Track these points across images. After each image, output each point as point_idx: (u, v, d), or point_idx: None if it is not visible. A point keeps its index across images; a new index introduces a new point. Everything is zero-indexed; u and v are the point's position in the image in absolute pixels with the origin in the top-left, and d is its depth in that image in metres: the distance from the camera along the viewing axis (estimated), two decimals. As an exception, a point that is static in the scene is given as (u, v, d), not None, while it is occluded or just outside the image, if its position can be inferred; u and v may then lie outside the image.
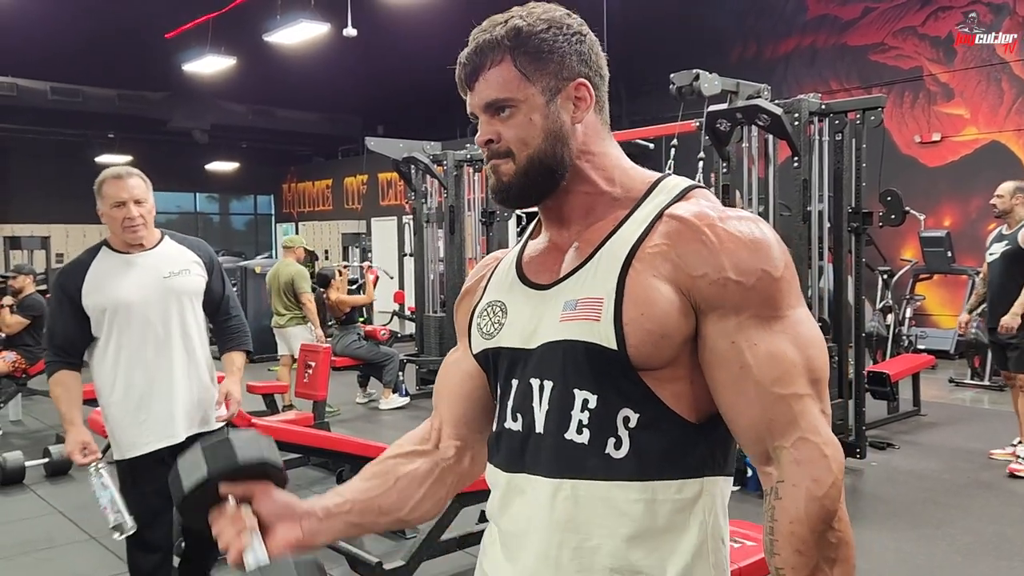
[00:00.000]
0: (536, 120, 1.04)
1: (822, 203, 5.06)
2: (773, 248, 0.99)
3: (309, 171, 20.55)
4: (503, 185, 1.06)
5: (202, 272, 2.86)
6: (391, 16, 10.68)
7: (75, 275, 2.70)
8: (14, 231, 14.01)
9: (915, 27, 10.32)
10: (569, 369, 1.00)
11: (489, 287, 1.16)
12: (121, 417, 2.70)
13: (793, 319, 0.99)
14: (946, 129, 10.05)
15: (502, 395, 1.09)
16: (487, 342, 1.10)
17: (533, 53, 1.03)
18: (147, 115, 16.00)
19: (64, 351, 2.70)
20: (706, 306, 0.97)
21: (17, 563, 3.85)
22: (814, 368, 0.98)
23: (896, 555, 3.73)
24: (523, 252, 1.15)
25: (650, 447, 0.98)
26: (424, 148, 7.78)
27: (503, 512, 1.07)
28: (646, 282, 0.97)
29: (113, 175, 2.72)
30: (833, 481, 0.94)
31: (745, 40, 12.07)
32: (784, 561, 0.95)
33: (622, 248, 1.01)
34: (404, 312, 10.74)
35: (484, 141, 1.07)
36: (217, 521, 1.06)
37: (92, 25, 11.63)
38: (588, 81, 1.06)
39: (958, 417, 6.47)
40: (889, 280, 8.59)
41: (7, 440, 6.22)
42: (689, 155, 5.54)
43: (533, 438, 1.03)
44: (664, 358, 0.97)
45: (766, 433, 0.97)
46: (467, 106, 1.09)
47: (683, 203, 1.03)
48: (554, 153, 1.04)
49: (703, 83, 4.84)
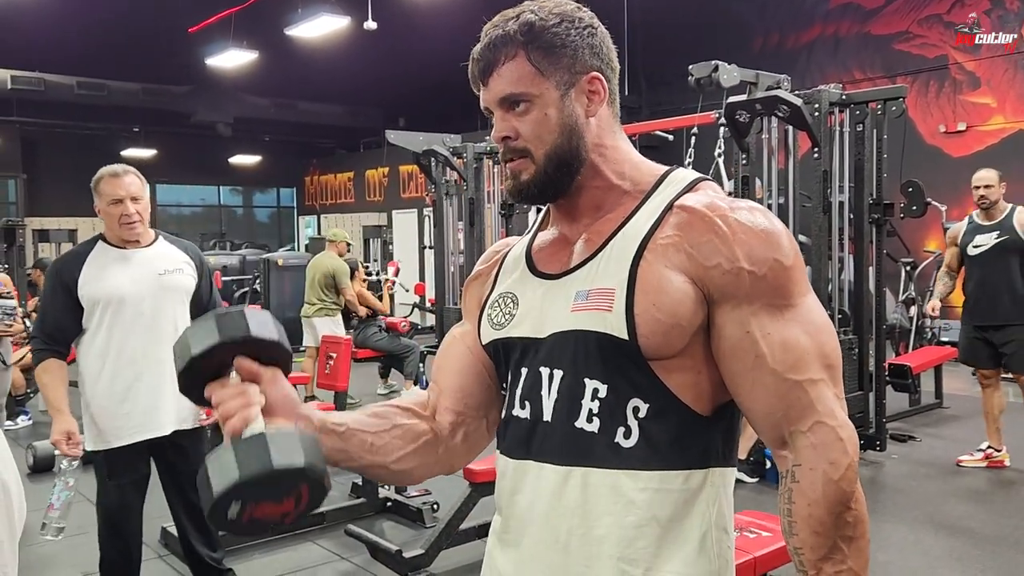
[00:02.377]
0: (552, 115, 1.05)
1: (843, 194, 5.02)
2: (783, 238, 1.01)
3: (331, 164, 20.64)
4: (521, 185, 1.07)
5: (193, 273, 2.93)
6: (411, 9, 10.70)
7: (73, 265, 2.77)
8: (43, 224, 14.22)
9: (940, 15, 10.18)
10: (580, 358, 1.01)
11: (500, 277, 1.17)
12: (105, 407, 2.75)
13: (804, 307, 1.01)
14: (972, 118, 9.92)
15: (511, 383, 1.10)
16: (497, 332, 1.11)
17: (546, 47, 1.04)
18: (171, 109, 16.15)
19: (53, 339, 2.76)
20: (719, 296, 0.99)
21: (48, 548, 3.94)
22: (827, 353, 1.00)
23: (916, 548, 3.72)
24: (532, 243, 1.16)
25: (659, 437, 0.99)
26: (444, 141, 7.79)
27: (510, 498, 1.09)
28: (658, 272, 0.99)
29: (110, 173, 2.78)
30: (849, 463, 0.96)
31: (767, 30, 11.96)
32: (802, 541, 0.98)
33: (633, 239, 1.02)
34: (424, 304, 10.80)
35: (501, 138, 1.08)
36: (217, 391, 1.02)
37: (117, 20, 11.77)
38: (601, 74, 1.07)
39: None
40: (912, 272, 8.51)
41: (37, 429, 6.34)
42: (709, 146, 5.52)
43: (541, 426, 1.05)
44: (675, 348, 0.99)
45: (783, 419, 0.99)
46: (480, 102, 1.10)
47: (692, 194, 1.05)
48: (570, 147, 1.05)
49: (722, 74, 4.81)
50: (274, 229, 22.02)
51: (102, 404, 2.76)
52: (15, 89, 14.09)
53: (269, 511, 0.96)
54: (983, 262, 4.77)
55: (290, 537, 3.97)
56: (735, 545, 1.09)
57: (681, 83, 5.73)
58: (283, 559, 3.76)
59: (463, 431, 1.18)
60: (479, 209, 7.78)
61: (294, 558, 3.76)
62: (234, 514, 0.94)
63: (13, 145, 16.92)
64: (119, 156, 16.12)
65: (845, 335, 5.02)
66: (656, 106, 12.83)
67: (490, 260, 1.23)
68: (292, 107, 17.34)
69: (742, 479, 4.52)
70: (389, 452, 1.13)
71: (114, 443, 2.75)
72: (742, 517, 2.79)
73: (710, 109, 5.97)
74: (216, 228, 19.89)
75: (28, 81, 14.11)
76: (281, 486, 0.94)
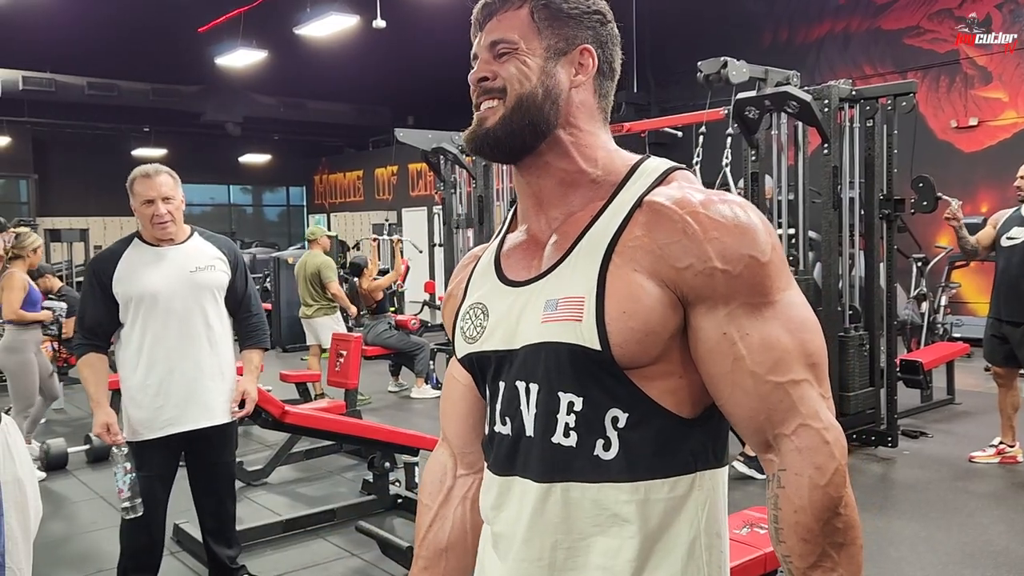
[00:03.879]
0: (532, 64, 1.02)
1: (853, 190, 5.00)
2: (759, 232, 0.95)
3: (340, 162, 20.70)
4: (483, 131, 1.03)
5: (226, 269, 2.98)
6: (420, 7, 10.70)
7: (108, 263, 2.84)
8: (54, 224, 14.31)
9: (951, 9, 10.12)
10: (552, 372, 0.98)
11: (470, 288, 1.13)
12: (139, 400, 2.83)
13: (784, 303, 0.95)
14: (983, 113, 9.85)
15: (490, 398, 1.08)
16: (471, 346, 1.08)
17: (553, 10, 1.03)
18: (181, 108, 16.23)
19: (93, 334, 2.84)
20: (694, 298, 0.94)
21: (62, 547, 3.97)
22: (810, 352, 0.95)
23: (927, 544, 3.71)
24: (501, 248, 1.12)
25: (640, 446, 0.96)
26: (453, 139, 7.81)
27: (496, 514, 1.06)
28: (628, 277, 0.94)
29: (143, 173, 2.85)
30: (836, 468, 0.92)
31: (777, 25, 11.92)
32: (790, 549, 0.94)
33: (601, 241, 0.97)
34: (434, 302, 10.81)
35: (478, 79, 1.04)
36: None
37: (127, 20, 11.82)
38: (593, 52, 1.05)
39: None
40: (924, 268, 8.47)
41: (50, 428, 6.39)
42: (718, 144, 5.51)
43: (524, 441, 1.02)
44: (651, 355, 0.95)
45: (766, 422, 0.94)
46: (471, 51, 1.07)
47: (663, 188, 0.99)
48: (542, 106, 1.02)
49: (731, 71, 4.80)
50: (284, 228, 22.11)
51: (136, 398, 2.83)
52: (26, 90, 14.18)
53: None
54: (1011, 255, 4.62)
55: (301, 534, 3.99)
56: (745, 541, 1.07)
57: (690, 79, 5.72)
58: (294, 555, 3.78)
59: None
60: (489, 207, 7.79)
61: (305, 554, 3.78)
62: None
63: (24, 145, 17.04)
64: (129, 156, 16.23)
65: (856, 331, 5.00)
66: (665, 103, 12.80)
67: (459, 274, 1.19)
68: (301, 106, 17.39)
69: (752, 476, 4.51)
70: (466, 561, 1.17)
71: (146, 436, 2.82)
72: (752, 513, 2.79)
73: (719, 105, 5.95)
74: (226, 227, 19.94)
75: (39, 82, 14.20)
76: None
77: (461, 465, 1.20)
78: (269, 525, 3.97)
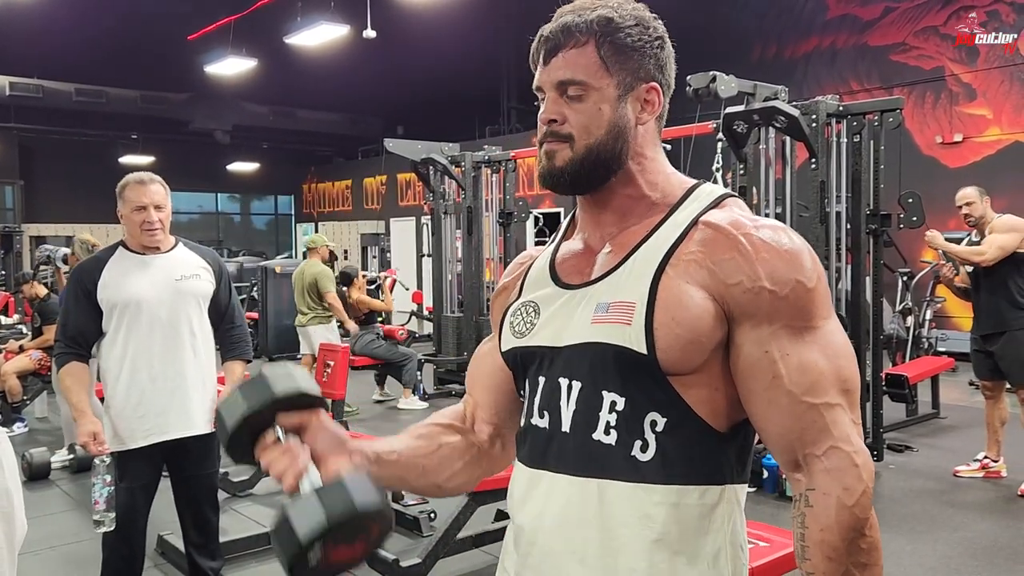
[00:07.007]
0: (605, 111, 1.05)
1: (840, 205, 5.03)
2: (806, 259, 1.00)
3: (329, 171, 20.67)
4: (555, 170, 1.07)
5: (211, 279, 2.98)
6: (410, 18, 10.74)
7: (92, 270, 2.83)
8: (40, 231, 14.22)
9: (937, 27, 10.24)
10: (598, 371, 1.01)
11: (525, 287, 1.17)
12: (121, 409, 2.80)
13: (825, 330, 1.00)
14: (968, 130, 9.96)
15: (530, 392, 1.10)
16: (518, 340, 1.11)
17: (618, 45, 1.05)
18: (169, 116, 16.20)
19: (75, 342, 2.82)
20: (740, 314, 0.98)
21: (44, 557, 3.92)
22: (845, 378, 0.99)
23: (912, 558, 3.72)
24: (556, 253, 1.16)
25: (675, 451, 0.99)
26: (442, 149, 7.82)
27: (523, 507, 1.08)
28: (679, 288, 0.98)
29: (136, 180, 2.85)
30: (864, 490, 0.95)
31: (766, 41, 12.02)
32: (814, 567, 0.96)
33: (656, 253, 1.02)
34: (422, 312, 10.79)
35: (547, 119, 1.06)
36: (264, 453, 1.05)
37: (116, 27, 11.81)
38: (659, 87, 1.08)
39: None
40: (909, 282, 8.53)
41: (33, 437, 6.33)
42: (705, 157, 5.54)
43: (559, 436, 1.04)
44: (693, 364, 0.98)
45: (797, 442, 0.98)
46: (534, 81, 1.09)
47: (717, 211, 1.04)
48: (613, 148, 1.06)
49: (719, 85, 4.83)
50: (272, 237, 22.04)
51: (119, 406, 2.81)
52: (13, 95, 14.13)
53: (344, 554, 0.98)
54: (980, 276, 4.80)
55: (286, 546, 3.96)
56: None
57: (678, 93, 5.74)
58: (277, 567, 3.73)
59: (500, 441, 1.23)
60: (477, 217, 7.80)
61: (290, 567, 3.75)
62: (314, 560, 0.95)
63: (11, 151, 16.92)
64: (117, 163, 16.17)
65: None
66: (654, 116, 12.88)
67: (515, 272, 1.22)
68: (291, 115, 17.39)
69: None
70: (440, 472, 1.19)
71: (129, 444, 2.80)
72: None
73: (708, 119, 5.99)
74: (214, 235, 19.89)
75: (26, 88, 14.14)
76: (359, 527, 0.96)
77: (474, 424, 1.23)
78: (254, 537, 3.93)
